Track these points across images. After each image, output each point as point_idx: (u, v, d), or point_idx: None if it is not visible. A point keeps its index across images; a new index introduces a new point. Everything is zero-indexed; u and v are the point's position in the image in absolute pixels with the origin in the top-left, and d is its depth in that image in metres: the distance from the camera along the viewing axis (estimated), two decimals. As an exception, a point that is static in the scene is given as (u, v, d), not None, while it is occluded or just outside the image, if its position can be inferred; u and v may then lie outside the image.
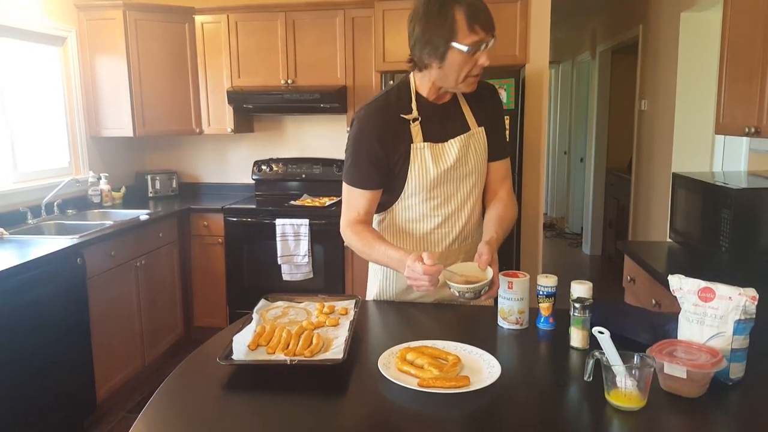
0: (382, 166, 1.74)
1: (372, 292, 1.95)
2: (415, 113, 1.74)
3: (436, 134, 1.75)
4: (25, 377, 2.62)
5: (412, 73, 1.76)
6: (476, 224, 1.88)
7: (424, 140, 1.74)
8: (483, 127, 1.80)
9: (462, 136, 1.77)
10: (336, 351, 1.41)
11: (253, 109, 4.31)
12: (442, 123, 1.76)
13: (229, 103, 4.22)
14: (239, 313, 3.72)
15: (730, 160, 3.75)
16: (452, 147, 1.75)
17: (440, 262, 1.83)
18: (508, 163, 1.91)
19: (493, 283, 1.54)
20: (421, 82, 1.74)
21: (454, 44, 1.58)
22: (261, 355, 1.41)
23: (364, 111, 1.76)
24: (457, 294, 1.46)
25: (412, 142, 1.73)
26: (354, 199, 1.77)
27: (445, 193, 1.79)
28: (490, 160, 1.85)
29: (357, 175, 1.76)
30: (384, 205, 1.82)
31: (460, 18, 1.55)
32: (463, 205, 1.82)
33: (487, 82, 1.89)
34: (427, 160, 1.74)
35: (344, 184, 1.79)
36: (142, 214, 3.74)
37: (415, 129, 1.73)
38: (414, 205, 1.80)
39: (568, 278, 1.62)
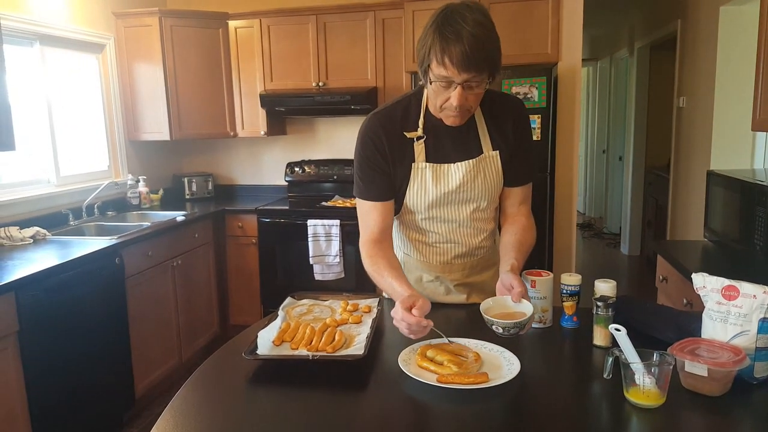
0: (388, 175, 1.67)
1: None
2: (419, 131, 1.65)
3: (441, 155, 1.66)
4: (67, 372, 2.72)
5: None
6: (484, 241, 1.79)
7: (427, 160, 1.65)
8: (498, 152, 1.68)
9: (471, 160, 1.66)
10: (357, 347, 1.43)
11: (286, 111, 4.38)
12: (451, 143, 1.66)
13: (262, 106, 4.29)
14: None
15: (771, 158, 3.65)
16: (458, 170, 1.65)
17: (443, 273, 1.81)
18: (529, 188, 1.78)
19: (533, 315, 1.43)
20: (430, 98, 1.62)
21: (429, 71, 1.48)
22: (285, 351, 1.44)
23: (366, 122, 1.68)
24: (501, 330, 1.38)
25: (414, 161, 1.66)
26: (366, 215, 1.70)
27: (446, 213, 1.72)
28: (507, 185, 1.73)
29: (363, 187, 1.69)
30: None
31: (434, 47, 1.42)
32: (468, 225, 1.74)
33: (515, 98, 1.78)
34: (427, 182, 1.66)
35: (356, 200, 1.73)
36: (179, 216, 3.84)
37: (419, 147, 1.65)
38: (414, 220, 1.75)
39: (603, 278, 1.58)
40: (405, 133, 1.66)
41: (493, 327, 1.39)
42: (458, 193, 1.68)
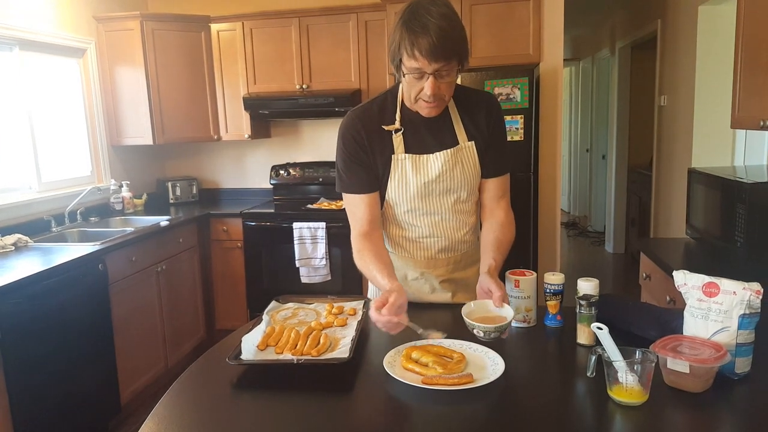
0: (370, 167, 1.71)
1: (370, 292, 1.97)
2: (397, 124, 1.70)
3: (420, 146, 1.71)
4: (51, 380, 2.69)
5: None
6: (467, 235, 1.82)
7: (406, 152, 1.70)
8: (473, 142, 1.72)
9: (448, 150, 1.70)
10: (342, 350, 1.43)
11: (270, 114, 4.36)
12: (428, 135, 1.71)
13: (245, 109, 4.28)
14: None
15: (752, 154, 3.69)
16: (436, 160, 1.70)
17: (428, 269, 1.83)
18: (506, 180, 1.80)
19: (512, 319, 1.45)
20: (405, 92, 1.68)
21: (401, 65, 1.54)
22: (269, 355, 1.43)
23: (345, 120, 1.73)
24: (482, 334, 1.39)
25: (394, 153, 1.70)
26: (354, 208, 1.73)
27: (427, 205, 1.75)
28: (484, 177, 1.77)
29: (348, 181, 1.73)
30: None
31: (404, 40, 1.48)
32: (450, 218, 1.77)
33: (487, 93, 1.84)
34: (407, 172, 1.70)
35: (343, 196, 1.76)
36: (163, 220, 3.81)
37: (397, 140, 1.70)
38: (396, 214, 1.78)
39: (588, 277, 1.58)
40: (383, 126, 1.70)
41: (474, 331, 1.41)
42: (438, 183, 1.72)
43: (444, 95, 1.59)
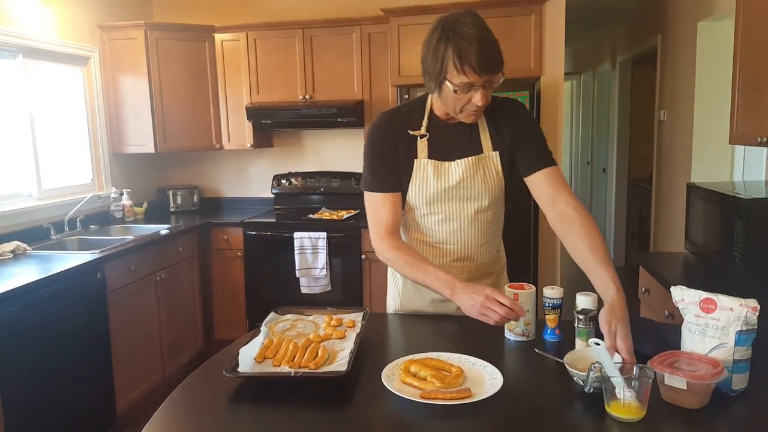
0: (395, 167, 1.74)
1: (391, 306, 1.96)
2: (423, 130, 1.74)
3: (442, 153, 1.74)
4: (47, 389, 2.68)
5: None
6: (485, 245, 1.84)
7: (429, 157, 1.74)
8: (498, 152, 1.75)
9: (471, 158, 1.73)
10: (340, 363, 1.43)
11: (272, 124, 4.38)
12: (452, 142, 1.74)
13: (248, 118, 4.29)
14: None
15: (750, 170, 3.70)
16: (457, 167, 1.73)
17: None
18: (557, 172, 1.71)
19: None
20: (436, 102, 1.73)
21: (446, 81, 1.55)
22: (267, 368, 1.43)
23: (374, 121, 1.80)
24: (582, 383, 1.29)
25: (416, 157, 1.74)
26: (377, 208, 1.74)
27: (446, 211, 1.78)
28: (529, 173, 1.72)
29: (373, 180, 1.75)
30: None
31: (450, 58, 1.50)
32: (468, 226, 1.79)
33: (512, 99, 1.83)
34: (428, 176, 1.74)
35: (365, 195, 1.78)
36: (163, 229, 3.81)
37: (422, 145, 1.74)
38: (414, 218, 1.81)
39: (589, 290, 1.58)
40: (409, 131, 1.74)
41: (575, 378, 1.32)
42: (458, 190, 1.74)
43: (488, 100, 1.63)
